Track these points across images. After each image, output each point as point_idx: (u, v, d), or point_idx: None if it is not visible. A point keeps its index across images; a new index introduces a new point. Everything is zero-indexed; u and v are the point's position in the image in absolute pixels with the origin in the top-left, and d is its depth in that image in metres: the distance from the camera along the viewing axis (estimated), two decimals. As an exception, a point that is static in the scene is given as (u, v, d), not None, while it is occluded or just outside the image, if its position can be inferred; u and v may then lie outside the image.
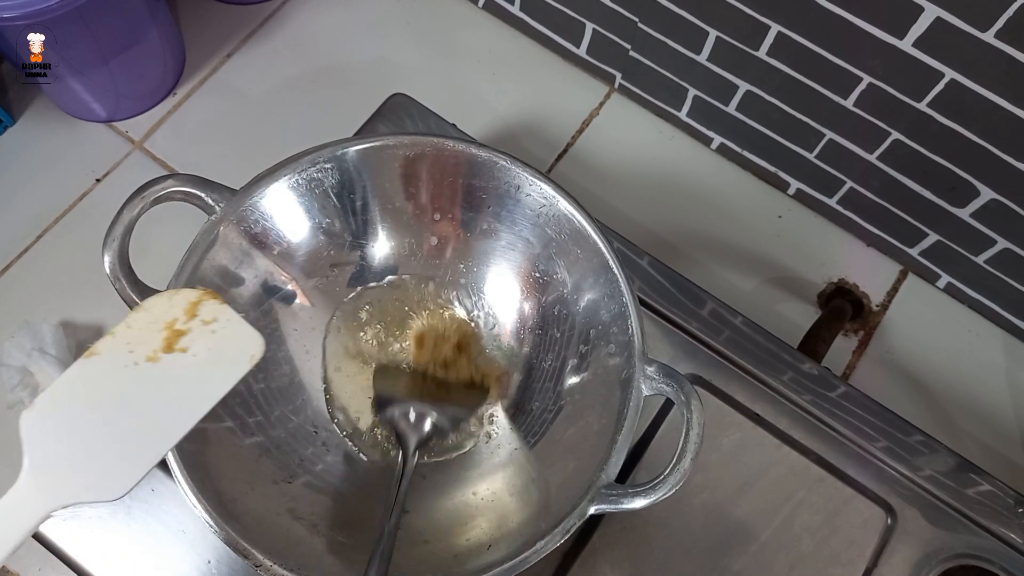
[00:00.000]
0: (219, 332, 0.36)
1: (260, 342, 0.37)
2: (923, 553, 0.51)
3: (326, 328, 0.51)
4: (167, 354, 0.36)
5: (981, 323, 0.73)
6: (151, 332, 0.36)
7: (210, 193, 0.45)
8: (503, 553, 0.41)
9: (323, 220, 0.49)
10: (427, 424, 0.47)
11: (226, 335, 0.37)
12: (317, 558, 0.42)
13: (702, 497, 0.52)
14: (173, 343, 0.36)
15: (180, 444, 0.40)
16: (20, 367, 0.66)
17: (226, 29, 0.83)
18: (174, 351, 0.36)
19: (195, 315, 0.37)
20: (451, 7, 0.85)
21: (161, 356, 0.35)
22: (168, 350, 0.36)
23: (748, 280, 0.74)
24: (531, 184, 0.48)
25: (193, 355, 0.36)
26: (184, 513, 0.49)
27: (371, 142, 0.48)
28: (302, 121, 0.79)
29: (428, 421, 0.47)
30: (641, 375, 0.43)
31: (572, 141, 0.79)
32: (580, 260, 0.48)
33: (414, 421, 0.47)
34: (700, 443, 0.40)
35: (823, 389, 0.56)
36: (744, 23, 0.62)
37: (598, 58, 0.79)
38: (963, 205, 0.64)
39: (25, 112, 0.79)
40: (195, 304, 0.37)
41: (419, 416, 0.47)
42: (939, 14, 0.51)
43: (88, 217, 0.75)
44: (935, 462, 0.54)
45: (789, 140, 0.71)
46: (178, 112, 0.80)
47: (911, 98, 0.58)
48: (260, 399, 0.47)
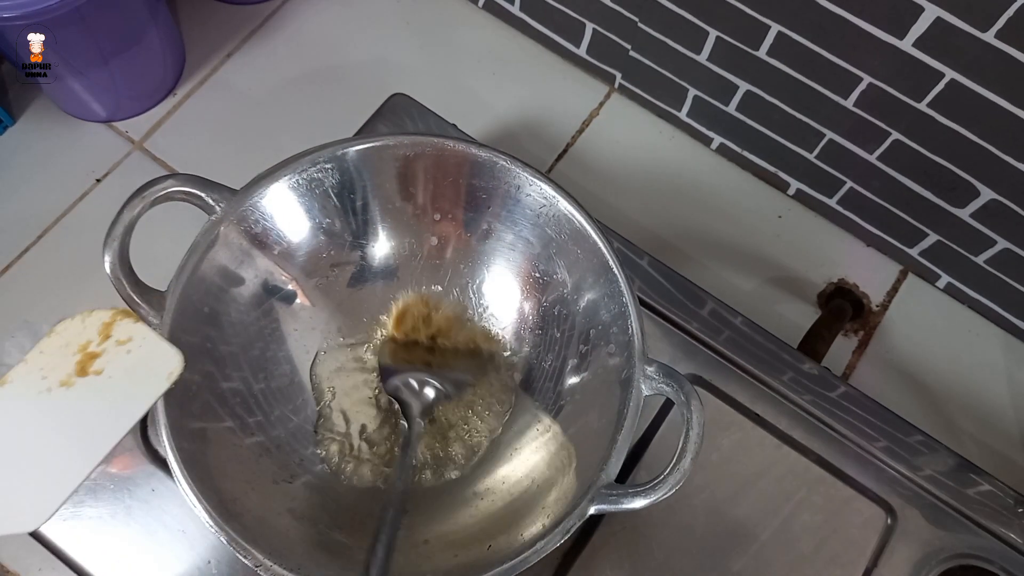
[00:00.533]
0: (135, 352, 0.36)
1: (178, 359, 0.37)
2: (923, 553, 0.51)
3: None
4: (81, 377, 0.36)
5: (981, 323, 0.73)
6: (64, 357, 0.36)
7: (210, 193, 0.45)
8: (503, 553, 0.41)
9: (323, 220, 0.49)
10: (429, 390, 0.48)
11: (142, 354, 0.36)
12: (317, 558, 0.42)
13: (702, 497, 0.52)
14: (87, 366, 0.36)
15: (180, 444, 0.41)
16: (20, 367, 0.66)
17: (226, 29, 0.83)
18: (88, 374, 0.36)
19: (109, 336, 0.37)
20: (451, 7, 0.85)
21: (75, 380, 0.36)
22: (82, 373, 0.36)
23: (748, 280, 0.74)
24: (531, 184, 0.48)
25: (108, 376, 0.36)
26: (184, 513, 0.49)
27: (371, 142, 0.48)
28: (302, 121, 0.79)
29: (429, 388, 0.48)
30: (641, 375, 0.43)
31: (572, 141, 0.79)
32: (580, 260, 0.48)
33: (417, 389, 0.48)
34: (700, 443, 0.40)
35: (823, 389, 0.56)
36: (744, 23, 0.62)
37: (598, 58, 0.79)
38: (963, 205, 0.64)
39: (25, 112, 0.79)
40: (109, 325, 0.37)
41: (420, 384, 0.48)
42: (939, 14, 0.51)
43: (88, 217, 0.75)
44: (935, 462, 0.54)
45: (789, 140, 0.71)
46: (178, 112, 0.80)
47: (911, 98, 0.58)
48: (260, 399, 0.47)
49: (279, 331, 0.50)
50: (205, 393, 0.44)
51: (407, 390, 0.48)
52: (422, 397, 0.48)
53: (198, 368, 0.44)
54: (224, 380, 0.46)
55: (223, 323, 0.46)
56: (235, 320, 0.47)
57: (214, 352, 0.45)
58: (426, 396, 0.48)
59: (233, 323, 0.47)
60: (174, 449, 0.40)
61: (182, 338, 0.43)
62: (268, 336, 0.49)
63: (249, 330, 0.48)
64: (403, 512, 0.44)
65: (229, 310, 0.47)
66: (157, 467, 0.50)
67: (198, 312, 0.45)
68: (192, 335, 0.44)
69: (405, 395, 0.48)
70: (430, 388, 0.49)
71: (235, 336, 0.47)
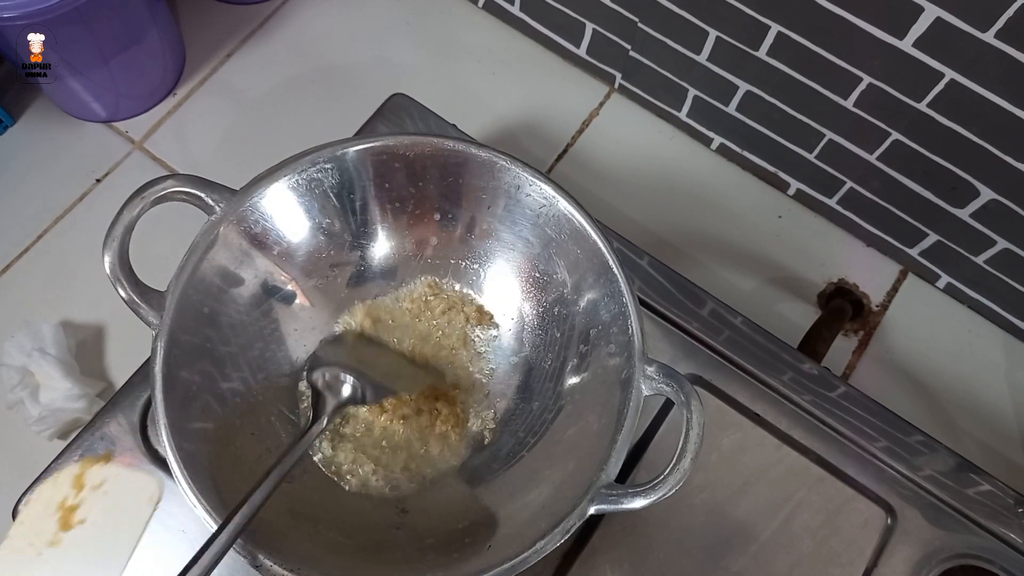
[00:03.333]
0: (112, 491, 0.38)
1: (156, 484, 0.38)
2: (923, 553, 0.51)
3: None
4: (66, 532, 0.37)
5: (981, 323, 0.73)
6: (44, 520, 0.37)
7: (210, 193, 0.45)
8: (503, 553, 0.41)
9: (323, 220, 0.49)
10: (345, 389, 0.46)
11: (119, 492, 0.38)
12: (317, 558, 0.42)
13: (702, 497, 0.52)
14: (70, 520, 0.37)
15: (180, 444, 0.41)
16: (20, 367, 0.66)
17: (226, 29, 0.84)
18: (73, 527, 0.37)
19: (83, 485, 0.38)
20: (451, 7, 0.85)
21: (61, 537, 0.37)
22: (67, 527, 0.37)
23: (748, 280, 0.74)
24: (531, 184, 0.48)
25: (93, 523, 0.37)
26: (184, 513, 0.49)
27: (371, 142, 0.48)
28: (302, 121, 0.79)
29: (346, 386, 0.46)
30: (641, 375, 0.43)
31: (572, 141, 0.79)
32: (580, 260, 0.48)
33: (331, 383, 0.46)
34: (700, 443, 0.40)
35: (823, 389, 0.56)
36: (744, 23, 0.62)
37: (598, 58, 0.79)
38: (963, 205, 0.64)
39: (25, 112, 0.79)
40: (80, 476, 0.39)
41: (337, 379, 0.46)
42: (939, 14, 0.51)
43: (88, 217, 0.75)
44: (935, 462, 0.54)
45: (789, 140, 0.71)
46: (178, 112, 0.80)
47: (911, 98, 0.58)
48: (260, 399, 0.47)
49: (279, 331, 0.50)
50: (205, 393, 0.44)
51: (323, 382, 0.46)
52: (337, 394, 0.46)
53: (198, 368, 0.44)
54: (224, 380, 0.46)
55: (223, 323, 0.46)
56: (235, 320, 0.47)
57: (214, 352, 0.45)
58: (341, 394, 0.46)
59: (233, 323, 0.47)
60: (174, 449, 0.40)
61: (182, 338, 0.43)
62: (268, 336, 0.49)
63: (249, 330, 0.48)
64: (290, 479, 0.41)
65: (229, 310, 0.47)
66: (157, 467, 0.50)
67: (198, 312, 0.45)
68: (192, 335, 0.44)
69: (320, 387, 0.46)
70: (347, 387, 0.46)
71: (235, 336, 0.47)
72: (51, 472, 0.40)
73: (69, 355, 0.68)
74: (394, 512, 0.47)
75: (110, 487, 0.37)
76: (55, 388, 0.65)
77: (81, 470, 0.38)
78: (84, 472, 0.38)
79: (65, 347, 0.68)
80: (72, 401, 0.65)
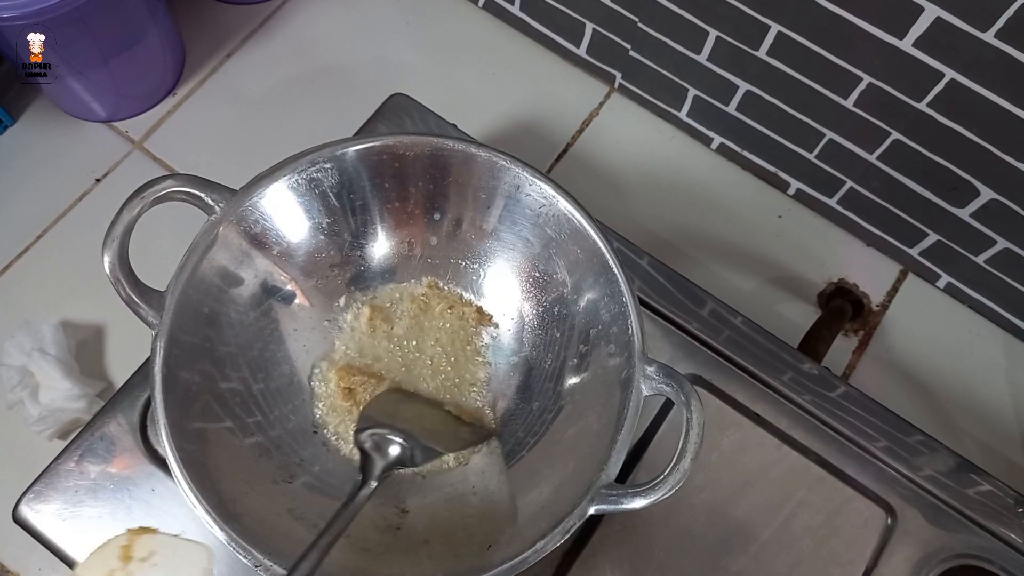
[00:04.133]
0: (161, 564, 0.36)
1: (206, 553, 0.36)
2: (923, 553, 0.51)
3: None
4: None
5: (981, 323, 0.73)
6: None
7: (210, 193, 0.45)
8: (503, 553, 0.41)
9: (323, 220, 0.49)
10: (393, 449, 0.45)
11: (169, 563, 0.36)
12: (317, 558, 0.42)
13: (702, 497, 0.52)
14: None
15: (180, 444, 0.41)
16: (20, 367, 0.66)
17: (226, 29, 0.84)
18: None
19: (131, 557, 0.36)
20: (451, 7, 0.85)
21: None
22: None
23: (748, 280, 0.74)
24: (531, 184, 0.48)
25: None
26: (184, 513, 0.49)
27: (371, 142, 0.48)
28: (302, 121, 0.79)
29: (394, 447, 0.45)
30: (641, 375, 0.43)
31: (572, 141, 0.79)
32: (580, 260, 0.48)
33: (380, 444, 0.45)
34: (700, 443, 0.40)
35: (823, 389, 0.56)
36: (744, 23, 0.62)
37: (598, 58, 0.79)
38: (963, 205, 0.64)
39: (25, 112, 0.79)
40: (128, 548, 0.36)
41: (385, 440, 0.46)
42: (939, 14, 0.51)
43: (88, 217, 0.75)
44: (935, 462, 0.54)
45: (789, 140, 0.71)
46: (178, 112, 0.80)
47: (911, 98, 0.58)
48: (259, 399, 0.47)
49: (278, 331, 0.50)
50: (205, 393, 0.44)
51: (371, 444, 0.45)
52: (385, 456, 0.45)
53: (198, 368, 0.44)
54: (223, 380, 0.46)
55: (222, 323, 0.46)
56: (234, 320, 0.47)
57: (213, 352, 0.45)
58: (390, 455, 0.45)
59: (232, 323, 0.47)
60: (174, 449, 0.40)
61: (181, 338, 0.43)
62: (267, 336, 0.49)
63: (248, 330, 0.48)
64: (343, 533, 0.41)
65: (228, 310, 0.47)
66: (157, 467, 0.50)
67: (197, 312, 0.45)
68: (191, 335, 0.44)
69: (368, 448, 0.45)
70: (395, 449, 0.45)
71: (234, 336, 0.47)
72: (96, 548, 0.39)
73: (69, 355, 0.68)
74: (394, 512, 0.47)
75: (159, 559, 0.36)
76: (55, 388, 0.65)
77: (129, 541, 0.37)
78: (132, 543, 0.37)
79: (65, 347, 0.68)
80: (72, 401, 0.65)
